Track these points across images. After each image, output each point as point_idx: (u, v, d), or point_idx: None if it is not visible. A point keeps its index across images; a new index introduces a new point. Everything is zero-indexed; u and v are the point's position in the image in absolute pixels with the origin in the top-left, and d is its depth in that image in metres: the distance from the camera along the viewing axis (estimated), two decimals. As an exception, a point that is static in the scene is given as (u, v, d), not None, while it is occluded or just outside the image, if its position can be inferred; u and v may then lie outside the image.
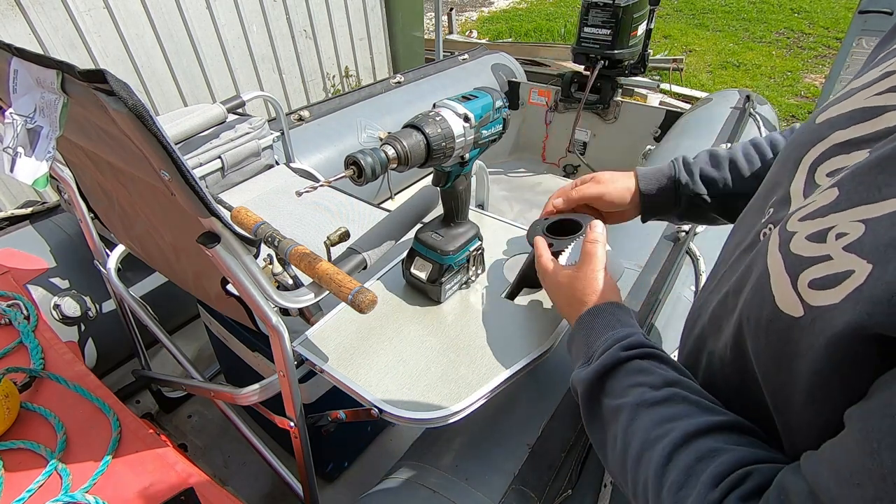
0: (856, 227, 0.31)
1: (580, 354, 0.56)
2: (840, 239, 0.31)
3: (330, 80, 3.07)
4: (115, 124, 0.48)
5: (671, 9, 6.25)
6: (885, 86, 0.37)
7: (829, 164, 0.38)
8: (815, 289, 0.32)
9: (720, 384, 0.45)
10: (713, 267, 0.55)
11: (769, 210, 0.44)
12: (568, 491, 0.70)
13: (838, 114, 0.40)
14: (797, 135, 0.45)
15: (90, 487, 0.70)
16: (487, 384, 0.69)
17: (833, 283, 0.30)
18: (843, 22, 5.32)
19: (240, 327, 0.99)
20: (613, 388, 0.49)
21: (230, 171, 1.24)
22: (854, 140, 0.37)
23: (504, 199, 2.36)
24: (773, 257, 0.36)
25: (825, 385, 0.31)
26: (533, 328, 0.78)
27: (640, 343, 0.50)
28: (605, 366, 0.50)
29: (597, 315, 0.57)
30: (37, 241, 1.21)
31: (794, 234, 0.35)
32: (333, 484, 1.21)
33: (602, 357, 0.51)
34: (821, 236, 0.33)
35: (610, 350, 0.51)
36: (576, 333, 0.58)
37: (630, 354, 0.49)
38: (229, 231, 0.56)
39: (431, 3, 3.34)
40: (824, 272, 0.31)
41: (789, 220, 0.37)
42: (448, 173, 0.73)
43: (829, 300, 0.30)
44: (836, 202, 0.33)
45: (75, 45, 2.07)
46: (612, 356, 0.50)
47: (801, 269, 0.33)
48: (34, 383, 0.84)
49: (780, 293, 0.34)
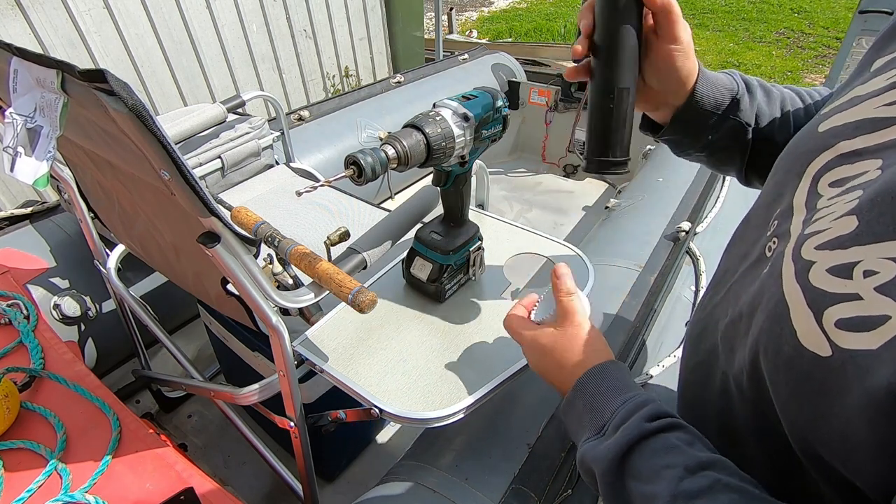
0: (886, 266, 0.29)
1: (585, 424, 0.49)
2: (869, 278, 0.30)
3: (330, 80, 3.07)
4: (115, 124, 0.48)
5: (671, 9, 6.24)
6: (894, 96, 0.36)
7: (833, 174, 0.38)
8: (843, 329, 0.30)
9: (738, 410, 0.43)
10: (716, 272, 0.54)
11: (773, 222, 0.43)
12: (568, 491, 0.70)
13: (843, 122, 0.39)
14: (800, 142, 0.44)
15: (90, 487, 0.70)
16: (487, 384, 0.69)
17: (866, 326, 0.29)
18: (843, 22, 5.32)
19: (240, 327, 0.99)
20: (641, 470, 0.42)
21: (230, 170, 1.24)
22: (860, 150, 0.36)
23: (504, 199, 2.36)
24: (791, 287, 0.34)
25: (862, 432, 0.30)
26: (533, 328, 0.78)
27: (661, 412, 0.45)
28: (628, 441, 0.43)
29: (601, 377, 0.50)
30: (37, 241, 1.21)
31: (812, 264, 0.33)
32: (333, 484, 1.21)
33: (623, 430, 0.44)
34: (845, 270, 0.31)
35: (631, 421, 0.44)
36: (575, 399, 0.51)
37: (655, 427, 0.43)
38: (229, 231, 0.56)
39: (431, 3, 3.34)
40: (854, 312, 0.30)
41: (803, 245, 0.35)
42: (448, 173, 0.73)
43: (863, 345, 0.29)
44: (857, 233, 0.32)
45: (75, 45, 2.06)
46: (635, 429, 0.43)
47: (825, 305, 0.31)
48: (34, 383, 0.84)
49: (802, 328, 0.33)
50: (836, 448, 0.32)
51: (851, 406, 0.29)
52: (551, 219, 2.19)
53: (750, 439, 0.42)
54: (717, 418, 0.46)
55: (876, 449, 0.29)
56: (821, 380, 0.31)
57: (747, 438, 0.42)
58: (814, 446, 0.34)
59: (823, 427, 0.32)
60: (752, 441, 0.41)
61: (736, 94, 0.57)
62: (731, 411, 0.44)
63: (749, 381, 0.40)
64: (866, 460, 0.30)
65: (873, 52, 0.44)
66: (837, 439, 0.31)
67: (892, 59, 0.41)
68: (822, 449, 0.33)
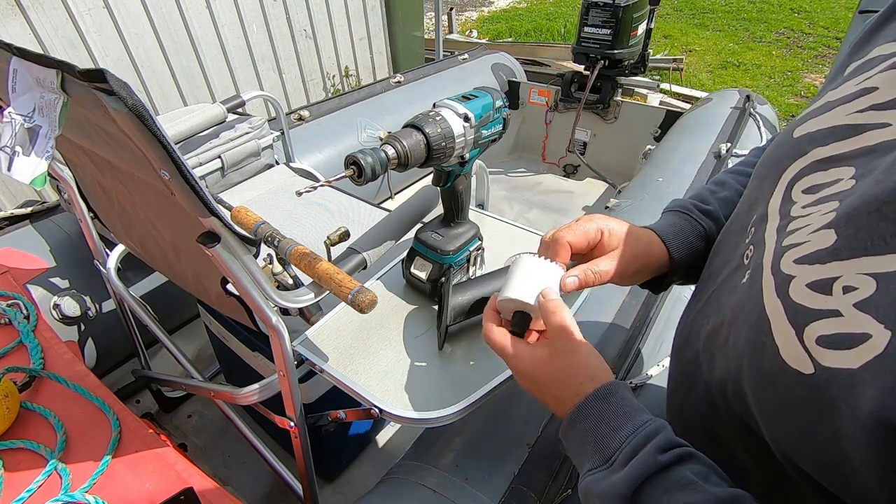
0: (865, 281, 0.29)
1: (588, 452, 0.45)
2: (849, 294, 0.30)
3: (330, 80, 3.07)
4: (115, 124, 0.48)
5: (671, 9, 6.24)
6: (866, 103, 0.36)
7: (807, 181, 0.38)
8: (824, 346, 0.30)
9: (723, 418, 0.42)
10: (701, 277, 0.53)
11: (751, 229, 0.43)
12: (568, 491, 0.70)
13: (818, 128, 0.39)
14: (775, 148, 0.44)
15: (90, 487, 0.70)
16: (487, 384, 0.69)
17: (846, 343, 0.29)
18: (843, 22, 5.32)
19: (240, 327, 0.99)
20: None
21: (230, 170, 1.24)
22: (834, 157, 0.36)
23: (504, 199, 2.36)
24: (772, 301, 0.35)
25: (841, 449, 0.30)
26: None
27: (674, 441, 0.42)
28: (639, 476, 0.40)
29: (605, 401, 0.46)
30: (37, 241, 1.21)
31: (792, 279, 0.34)
32: (333, 484, 1.21)
33: (634, 464, 0.41)
34: (825, 286, 0.31)
35: (642, 454, 0.41)
36: (576, 422, 0.47)
37: (669, 459, 0.40)
38: (229, 231, 0.56)
39: (431, 3, 3.34)
40: (834, 329, 0.30)
41: (782, 258, 0.35)
42: (448, 173, 0.73)
43: (845, 363, 0.29)
44: (835, 248, 0.32)
45: (75, 45, 2.06)
46: (647, 463, 0.40)
47: (806, 321, 0.31)
48: (34, 383, 0.83)
49: (784, 344, 0.33)
50: (822, 464, 0.32)
51: (837, 426, 0.30)
52: (551, 219, 2.18)
53: (737, 447, 0.42)
54: (702, 425, 0.46)
55: (862, 469, 0.29)
56: (804, 397, 0.31)
57: (734, 446, 0.42)
58: (798, 460, 0.34)
59: (809, 443, 0.32)
60: (740, 449, 0.41)
61: (703, 234, 0.59)
62: (716, 419, 0.43)
63: (732, 393, 0.40)
64: (852, 478, 0.30)
65: (849, 55, 0.44)
66: (823, 456, 0.32)
67: (863, 63, 0.41)
68: (807, 464, 0.33)
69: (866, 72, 0.39)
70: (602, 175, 2.40)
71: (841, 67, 0.44)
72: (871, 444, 0.28)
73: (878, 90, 0.36)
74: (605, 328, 0.95)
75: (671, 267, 0.59)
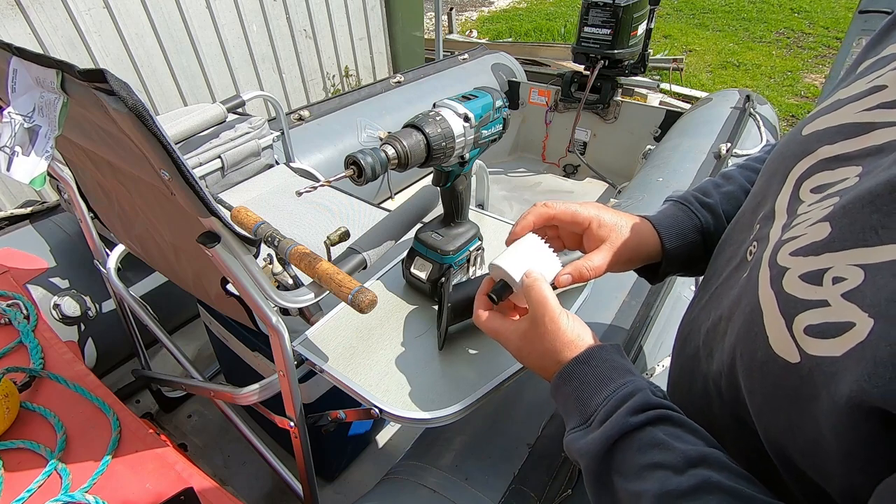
0: (854, 272, 0.30)
1: (572, 411, 0.48)
2: (838, 284, 0.30)
3: (330, 80, 3.07)
4: (115, 124, 0.48)
5: (671, 9, 6.24)
6: (874, 101, 0.36)
7: (815, 180, 0.38)
8: (811, 335, 0.30)
9: (716, 411, 0.43)
10: (705, 275, 0.54)
11: (756, 226, 0.43)
12: (568, 491, 0.70)
13: (826, 126, 0.39)
14: (784, 146, 0.44)
15: (90, 487, 0.70)
16: (487, 384, 0.69)
17: (832, 332, 0.29)
18: (843, 22, 5.32)
19: (240, 327, 0.99)
20: (626, 466, 0.42)
21: (230, 170, 1.24)
22: (841, 156, 0.36)
23: (504, 199, 2.37)
24: (766, 293, 0.35)
25: (831, 440, 0.30)
26: (533, 328, 0.78)
27: (648, 403, 0.43)
28: (610, 437, 0.42)
29: (586, 364, 0.48)
30: (37, 241, 1.21)
31: (786, 271, 0.34)
32: (333, 484, 1.21)
33: (607, 425, 0.43)
34: (816, 277, 0.32)
35: (615, 416, 0.43)
36: (559, 385, 0.50)
37: (640, 421, 0.42)
38: (229, 231, 0.56)
39: (431, 3, 3.34)
40: (821, 319, 0.30)
41: (779, 251, 0.35)
42: (448, 173, 0.73)
43: (829, 351, 0.29)
44: (829, 240, 0.32)
45: (75, 45, 2.06)
46: (619, 424, 0.42)
47: (796, 311, 0.32)
48: (34, 383, 0.84)
49: (774, 334, 0.33)
50: (808, 454, 0.32)
51: (820, 414, 0.30)
52: (551, 219, 2.17)
53: (727, 440, 0.42)
54: (698, 420, 0.46)
55: (843, 457, 0.29)
56: (791, 386, 0.32)
57: (724, 439, 0.42)
58: (787, 451, 0.34)
59: (796, 433, 0.32)
60: (729, 443, 0.42)
61: (700, 226, 0.60)
62: (710, 413, 0.44)
63: (726, 384, 0.40)
64: (835, 467, 0.30)
65: (864, 52, 0.44)
66: (809, 446, 0.32)
67: (876, 61, 0.41)
68: (794, 454, 0.33)
69: (877, 70, 0.39)
70: (602, 175, 2.41)
71: (856, 63, 0.44)
72: (846, 430, 0.28)
73: (888, 88, 0.36)
74: (605, 329, 0.95)
75: (664, 256, 0.60)
